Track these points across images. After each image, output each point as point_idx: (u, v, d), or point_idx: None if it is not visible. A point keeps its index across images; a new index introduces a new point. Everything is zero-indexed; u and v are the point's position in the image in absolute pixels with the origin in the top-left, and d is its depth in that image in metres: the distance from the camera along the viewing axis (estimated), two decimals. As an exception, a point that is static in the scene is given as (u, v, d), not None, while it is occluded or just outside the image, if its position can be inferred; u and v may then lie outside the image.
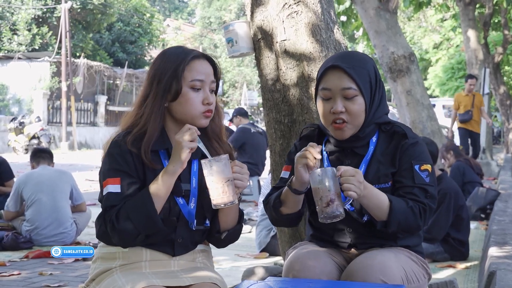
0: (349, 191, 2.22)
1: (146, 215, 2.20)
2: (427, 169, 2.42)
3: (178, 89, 2.33)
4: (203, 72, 2.35)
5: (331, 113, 2.43)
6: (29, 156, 6.60)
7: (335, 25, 3.38)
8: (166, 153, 2.36)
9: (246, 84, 39.51)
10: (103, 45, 31.46)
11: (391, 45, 9.27)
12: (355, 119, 2.43)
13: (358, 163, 2.47)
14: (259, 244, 5.80)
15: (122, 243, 2.27)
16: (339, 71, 2.42)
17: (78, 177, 10.75)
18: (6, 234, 5.94)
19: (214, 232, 2.43)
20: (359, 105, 2.42)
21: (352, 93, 2.41)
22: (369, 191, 2.29)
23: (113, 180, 2.26)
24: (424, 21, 33.18)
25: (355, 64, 2.43)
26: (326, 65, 2.47)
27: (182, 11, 58.19)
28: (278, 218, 2.52)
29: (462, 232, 5.65)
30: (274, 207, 2.49)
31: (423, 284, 2.47)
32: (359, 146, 2.49)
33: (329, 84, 2.44)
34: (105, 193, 2.26)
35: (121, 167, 2.27)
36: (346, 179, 2.23)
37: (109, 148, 2.32)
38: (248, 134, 9.28)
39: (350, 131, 2.45)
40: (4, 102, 25.93)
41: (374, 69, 2.48)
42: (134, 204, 2.21)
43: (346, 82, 2.41)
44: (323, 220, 2.24)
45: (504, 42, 18.47)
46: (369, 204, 2.33)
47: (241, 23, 3.47)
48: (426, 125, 9.29)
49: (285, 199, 2.46)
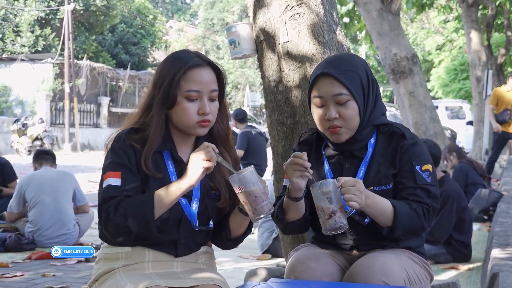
0: (350, 202, 2.22)
1: (143, 218, 2.19)
2: (428, 169, 2.42)
3: (173, 98, 2.32)
4: (200, 82, 2.33)
5: (325, 120, 2.44)
6: (32, 157, 6.61)
7: (338, 27, 3.38)
8: (169, 154, 2.37)
9: (248, 85, 39.51)
10: (106, 47, 31.48)
11: (393, 46, 9.26)
12: (349, 123, 2.43)
13: (358, 165, 2.48)
14: (262, 246, 5.81)
15: (113, 235, 2.26)
16: (329, 78, 2.42)
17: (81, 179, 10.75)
18: (9, 236, 5.95)
19: (225, 239, 2.44)
20: (352, 109, 2.42)
21: (344, 99, 2.41)
22: (371, 200, 2.29)
23: (114, 173, 2.26)
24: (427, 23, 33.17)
25: (344, 69, 2.43)
26: (316, 72, 2.47)
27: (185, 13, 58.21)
28: (285, 227, 2.53)
29: (465, 234, 5.65)
30: (279, 217, 2.50)
31: (425, 285, 2.48)
32: (357, 148, 2.49)
33: (321, 91, 2.44)
34: (105, 185, 2.26)
35: (123, 161, 2.28)
36: (347, 190, 2.23)
37: (113, 142, 2.33)
38: (251, 138, 9.30)
39: (346, 135, 2.45)
40: (7, 103, 25.95)
41: (365, 70, 2.47)
42: (135, 203, 2.21)
43: (336, 88, 2.41)
44: (327, 232, 2.24)
45: (507, 43, 18.44)
46: (373, 212, 2.33)
47: (244, 24, 3.47)
48: (429, 126, 9.28)
49: (287, 208, 2.47)
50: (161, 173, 2.32)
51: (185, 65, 2.33)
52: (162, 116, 2.34)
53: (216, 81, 2.38)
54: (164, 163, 2.35)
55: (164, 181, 2.31)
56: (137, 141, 2.31)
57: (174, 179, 2.32)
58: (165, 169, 2.34)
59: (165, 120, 2.36)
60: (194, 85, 2.32)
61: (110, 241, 2.36)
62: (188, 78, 2.32)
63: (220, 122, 2.46)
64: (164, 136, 2.35)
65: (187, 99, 2.32)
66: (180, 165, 2.36)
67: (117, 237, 2.27)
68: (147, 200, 2.21)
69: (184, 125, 2.34)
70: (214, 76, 2.38)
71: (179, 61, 2.35)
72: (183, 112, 2.32)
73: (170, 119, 2.36)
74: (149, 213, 2.19)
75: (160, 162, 2.35)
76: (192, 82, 2.32)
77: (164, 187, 2.24)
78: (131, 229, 2.20)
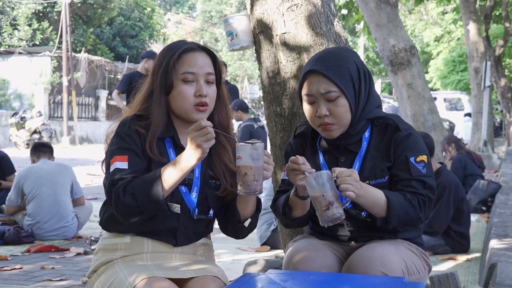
0: (347, 191, 2.22)
1: (153, 196, 2.19)
2: (423, 160, 2.41)
3: (170, 83, 2.35)
4: (195, 64, 2.36)
5: (316, 117, 2.44)
6: (30, 150, 6.61)
7: (335, 18, 3.37)
8: (171, 141, 2.39)
9: (247, 78, 39.47)
10: (104, 40, 31.40)
11: (392, 38, 9.26)
12: (340, 120, 2.42)
13: (353, 159, 2.47)
14: (260, 238, 5.82)
15: (124, 217, 2.26)
16: (318, 75, 2.41)
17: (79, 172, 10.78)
18: (8, 229, 5.95)
19: (236, 222, 2.42)
20: (342, 106, 2.41)
21: (333, 96, 2.40)
22: (364, 191, 2.28)
23: (121, 157, 2.28)
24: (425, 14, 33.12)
25: (333, 65, 2.42)
26: (305, 69, 2.46)
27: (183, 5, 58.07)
28: (289, 223, 2.52)
29: (463, 225, 5.66)
30: (285, 214, 2.49)
31: (423, 275, 2.48)
32: (351, 143, 2.49)
33: (310, 89, 2.43)
34: (112, 169, 2.27)
35: (129, 145, 2.30)
36: (343, 180, 2.22)
37: (117, 128, 2.36)
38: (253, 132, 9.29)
39: (338, 131, 2.45)
40: (5, 97, 25.91)
41: (356, 65, 2.45)
42: (143, 182, 2.21)
43: (325, 85, 2.40)
44: (324, 223, 2.24)
45: (505, 34, 18.41)
46: (366, 203, 2.32)
47: (241, 16, 3.46)
48: (427, 118, 9.28)
49: (293, 205, 2.46)
50: (164, 159, 2.34)
51: (179, 49, 2.37)
52: (163, 103, 2.36)
53: (211, 65, 2.41)
54: (166, 151, 2.37)
55: None
56: (142, 127, 2.34)
57: None
58: (167, 156, 2.36)
59: (166, 106, 2.38)
60: (189, 67, 2.35)
61: (110, 228, 2.38)
62: (183, 61, 2.36)
63: (220, 110, 2.46)
64: (166, 123, 2.37)
65: (184, 82, 2.35)
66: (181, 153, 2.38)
67: (129, 218, 2.25)
68: (154, 178, 2.21)
69: (183, 110, 2.36)
70: (209, 60, 2.41)
71: (174, 48, 2.40)
72: (180, 95, 2.34)
73: (170, 106, 2.38)
74: (158, 190, 2.19)
75: (163, 149, 2.37)
76: (187, 64, 2.36)
77: (169, 164, 2.22)
78: (141, 209, 2.21)
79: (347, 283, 2.09)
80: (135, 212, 2.22)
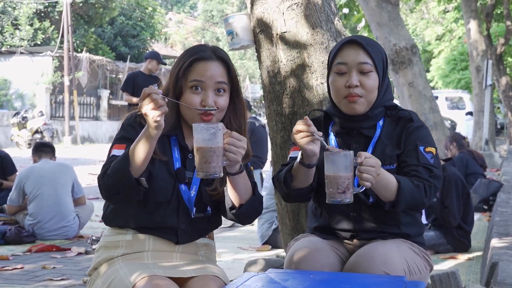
0: (366, 182, 2.20)
1: (121, 172, 2.19)
2: (432, 152, 2.44)
3: (180, 89, 2.37)
4: (204, 74, 2.35)
5: (345, 87, 2.45)
6: (31, 150, 6.61)
7: (336, 17, 3.37)
8: (176, 140, 2.40)
9: (248, 77, 39.47)
10: (105, 39, 31.39)
11: (393, 37, 9.24)
12: (369, 94, 2.46)
13: (366, 145, 2.49)
14: (261, 237, 5.81)
15: (106, 198, 2.31)
16: (357, 46, 2.48)
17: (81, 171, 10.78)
18: (9, 228, 5.95)
19: (229, 209, 2.37)
20: (373, 80, 2.46)
21: (368, 68, 2.45)
22: (380, 177, 2.26)
23: (120, 146, 2.32)
24: (426, 13, 33.09)
25: (371, 44, 2.50)
26: (342, 41, 2.52)
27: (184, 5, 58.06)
28: (290, 193, 2.47)
29: (468, 222, 5.69)
30: (285, 182, 2.45)
31: (425, 275, 2.48)
32: (366, 127, 2.50)
33: (346, 58, 2.47)
34: (109, 156, 2.31)
35: (130, 135, 2.32)
36: (367, 170, 2.19)
37: (124, 120, 2.40)
38: (254, 129, 9.29)
39: (363, 106, 2.47)
40: (7, 97, 25.92)
41: (385, 55, 2.54)
42: (115, 162, 2.23)
43: (363, 56, 2.46)
44: (331, 201, 2.20)
45: (507, 33, 18.39)
46: (379, 187, 2.31)
47: (242, 15, 3.46)
48: (429, 117, 9.27)
49: (296, 174, 2.42)
50: (166, 157, 2.35)
51: (191, 57, 2.38)
52: (174, 104, 2.37)
53: (225, 74, 2.39)
54: (170, 149, 2.38)
55: (168, 165, 2.35)
56: None
57: (178, 165, 2.36)
58: (170, 154, 2.37)
59: (177, 108, 2.39)
60: (198, 76, 2.35)
61: (110, 222, 2.41)
62: (193, 69, 2.36)
63: (232, 120, 2.44)
64: (174, 122, 2.38)
65: (191, 90, 2.35)
66: (184, 152, 2.40)
67: (110, 199, 2.31)
68: (123, 156, 2.22)
69: (189, 116, 2.37)
70: (223, 69, 2.40)
71: (189, 53, 2.41)
72: (186, 103, 2.34)
73: (180, 109, 2.40)
74: (125, 166, 2.18)
75: (167, 147, 2.38)
76: (196, 73, 2.36)
77: (135, 140, 2.22)
78: (116, 187, 2.22)
79: (348, 282, 2.09)
80: (112, 191, 2.24)
